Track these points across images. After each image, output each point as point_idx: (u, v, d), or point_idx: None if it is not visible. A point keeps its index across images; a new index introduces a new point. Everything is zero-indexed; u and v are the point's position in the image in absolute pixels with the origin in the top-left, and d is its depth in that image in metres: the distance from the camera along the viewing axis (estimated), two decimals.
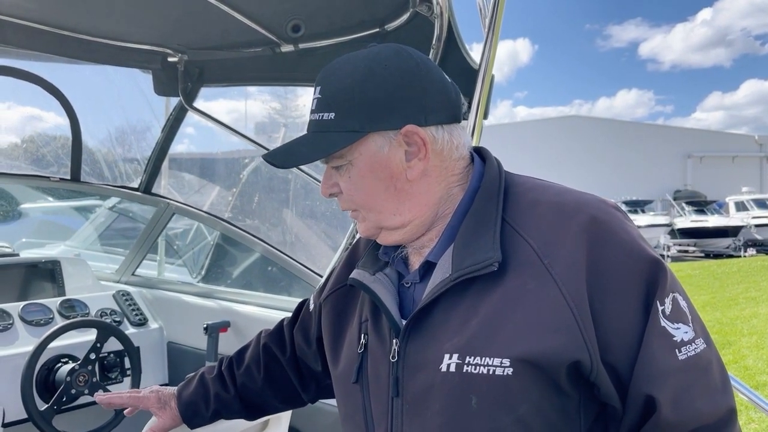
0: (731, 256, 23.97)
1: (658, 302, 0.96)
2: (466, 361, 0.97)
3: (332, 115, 1.05)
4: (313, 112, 1.09)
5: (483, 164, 1.16)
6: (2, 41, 2.36)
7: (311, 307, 1.45)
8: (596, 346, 0.93)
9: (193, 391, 1.54)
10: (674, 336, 0.95)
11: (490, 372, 0.95)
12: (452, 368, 0.98)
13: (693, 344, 0.96)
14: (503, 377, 0.95)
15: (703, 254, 25.85)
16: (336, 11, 2.11)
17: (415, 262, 1.15)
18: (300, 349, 1.47)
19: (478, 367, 0.96)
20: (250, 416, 1.57)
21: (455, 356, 0.98)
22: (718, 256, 24.60)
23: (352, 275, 1.19)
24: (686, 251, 26.79)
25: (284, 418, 1.93)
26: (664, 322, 0.95)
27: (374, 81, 1.05)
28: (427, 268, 1.10)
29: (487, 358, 0.96)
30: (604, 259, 0.97)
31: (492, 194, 1.08)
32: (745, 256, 23.59)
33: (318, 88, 1.09)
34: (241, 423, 1.71)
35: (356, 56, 1.10)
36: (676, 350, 0.95)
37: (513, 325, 0.96)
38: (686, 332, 0.97)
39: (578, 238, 0.98)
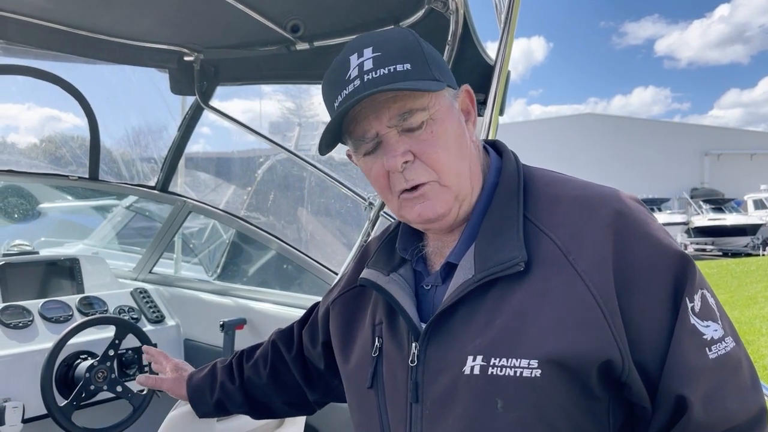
0: (750, 255, 23.69)
1: (687, 299, 0.92)
2: (491, 363, 0.93)
3: (407, 65, 0.99)
4: (372, 70, 0.98)
5: (499, 159, 1.12)
6: (21, 41, 2.38)
7: (320, 310, 1.42)
8: (627, 344, 0.89)
9: (203, 376, 1.56)
10: (704, 334, 0.92)
11: (517, 374, 0.91)
12: (476, 371, 0.94)
13: (723, 342, 0.93)
14: (531, 379, 0.90)
15: (720, 253, 25.55)
16: (350, 8, 2.11)
17: (436, 263, 1.11)
18: (306, 349, 1.46)
19: (504, 369, 0.92)
20: (253, 413, 1.55)
21: (479, 358, 0.94)
22: (736, 254, 24.31)
23: (363, 275, 1.14)
24: (704, 250, 26.49)
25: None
26: (693, 320, 0.92)
27: (425, 43, 1.05)
28: (449, 269, 1.06)
29: (514, 360, 0.91)
30: (631, 253, 0.93)
31: (512, 191, 1.04)
32: (763, 255, 23.30)
33: (368, 49, 1.00)
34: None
35: (381, 30, 1.09)
36: (707, 349, 0.91)
37: (540, 324, 0.92)
38: (716, 330, 0.93)
39: (603, 232, 0.94)
